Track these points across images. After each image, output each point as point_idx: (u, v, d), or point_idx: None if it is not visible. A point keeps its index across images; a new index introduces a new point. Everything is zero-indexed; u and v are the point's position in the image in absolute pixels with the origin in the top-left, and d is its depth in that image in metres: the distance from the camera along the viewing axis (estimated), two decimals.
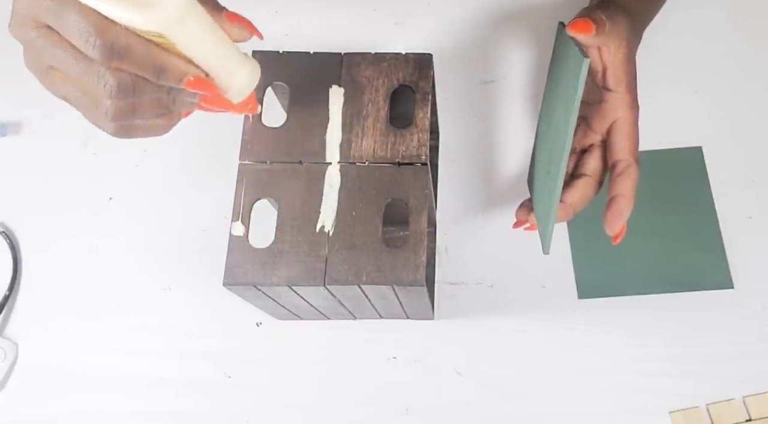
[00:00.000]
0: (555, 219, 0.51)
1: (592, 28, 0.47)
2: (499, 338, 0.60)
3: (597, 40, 0.48)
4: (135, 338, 0.62)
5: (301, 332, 0.61)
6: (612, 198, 0.52)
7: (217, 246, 0.50)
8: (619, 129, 0.51)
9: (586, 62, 0.45)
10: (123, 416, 0.59)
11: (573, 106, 0.46)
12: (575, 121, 0.47)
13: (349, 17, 0.72)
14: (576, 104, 0.46)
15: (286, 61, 0.52)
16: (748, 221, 0.63)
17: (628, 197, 0.51)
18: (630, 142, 0.52)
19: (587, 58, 0.45)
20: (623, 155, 0.51)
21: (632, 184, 0.51)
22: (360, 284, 0.48)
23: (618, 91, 0.51)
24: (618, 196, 0.51)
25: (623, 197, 0.51)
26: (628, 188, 0.51)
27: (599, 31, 0.48)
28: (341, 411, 0.59)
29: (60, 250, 0.65)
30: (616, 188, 0.51)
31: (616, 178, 0.52)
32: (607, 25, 0.48)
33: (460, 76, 0.70)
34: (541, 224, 0.53)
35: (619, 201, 0.51)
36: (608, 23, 0.48)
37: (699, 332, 0.60)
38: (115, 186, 0.67)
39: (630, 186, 0.51)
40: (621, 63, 0.50)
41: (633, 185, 0.51)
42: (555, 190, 0.49)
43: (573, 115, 0.46)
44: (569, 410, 0.58)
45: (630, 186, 0.51)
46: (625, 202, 0.51)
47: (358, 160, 0.50)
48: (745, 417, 0.57)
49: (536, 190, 0.56)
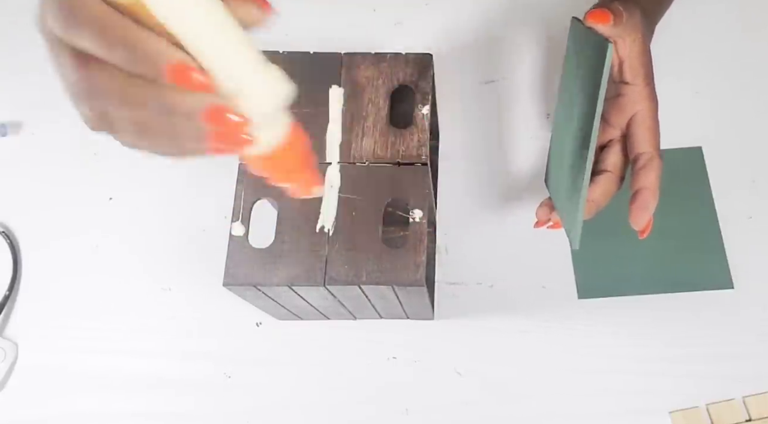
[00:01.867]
0: (584, 211, 0.50)
1: (609, 17, 0.47)
2: (499, 338, 0.60)
3: (613, 32, 0.48)
4: (135, 338, 0.62)
5: (301, 332, 0.61)
6: (636, 191, 0.51)
7: (217, 246, 0.50)
8: (640, 122, 0.51)
9: (610, 47, 0.44)
10: (123, 416, 0.59)
11: (599, 92, 0.45)
12: (601, 111, 0.46)
13: (349, 17, 0.72)
14: (602, 90, 0.45)
15: (286, 61, 0.52)
16: (748, 221, 0.63)
17: (652, 190, 0.50)
18: (651, 134, 0.51)
19: (611, 43, 0.44)
20: (645, 147, 0.51)
21: (656, 177, 0.50)
22: (360, 284, 0.48)
23: (636, 84, 0.50)
24: (642, 189, 0.50)
25: (647, 190, 0.50)
26: (652, 181, 0.50)
27: (617, 22, 0.47)
28: (341, 411, 0.59)
29: (60, 250, 0.65)
30: (640, 181, 0.50)
31: (639, 171, 0.51)
32: (624, 16, 0.48)
33: (460, 76, 0.70)
34: (568, 219, 0.53)
35: (644, 194, 0.50)
36: (625, 14, 0.48)
37: (699, 332, 0.60)
38: (115, 186, 0.67)
39: (654, 178, 0.50)
40: (638, 55, 0.50)
41: (657, 177, 0.50)
42: (583, 181, 0.48)
43: (600, 102, 0.46)
44: (569, 410, 0.58)
45: (654, 178, 0.50)
46: (650, 195, 0.50)
47: (358, 160, 0.50)
48: (745, 417, 0.57)
49: (558, 187, 0.55)
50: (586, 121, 0.47)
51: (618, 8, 0.48)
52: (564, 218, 0.53)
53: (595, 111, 0.46)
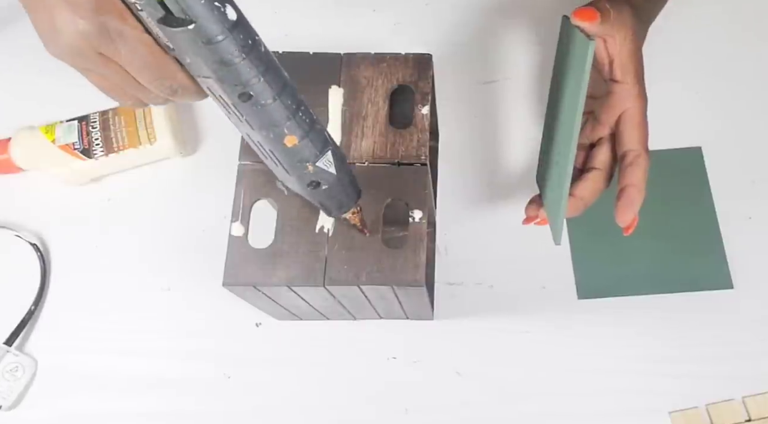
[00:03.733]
0: (566, 209, 0.50)
1: (596, 16, 0.47)
2: (499, 339, 0.60)
3: (602, 30, 0.48)
4: (135, 338, 0.62)
5: (301, 332, 0.61)
6: (622, 188, 0.51)
7: (217, 246, 0.50)
8: (628, 119, 0.51)
9: (591, 45, 0.44)
10: (123, 416, 0.59)
11: (580, 92, 0.46)
12: (583, 107, 0.46)
13: (349, 18, 0.72)
14: (583, 89, 0.45)
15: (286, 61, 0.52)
16: (748, 221, 0.63)
17: (638, 187, 0.50)
18: (639, 132, 0.51)
19: (593, 41, 0.45)
20: (633, 145, 0.51)
21: (643, 174, 0.50)
22: (360, 284, 0.48)
23: (626, 82, 0.50)
24: (628, 187, 0.50)
25: (633, 187, 0.50)
26: (638, 178, 0.50)
27: (604, 20, 0.48)
28: (341, 411, 0.59)
29: (60, 250, 0.65)
30: (627, 178, 0.51)
31: (626, 168, 0.51)
32: (612, 14, 0.48)
33: (460, 76, 0.70)
34: (551, 215, 0.53)
35: (630, 191, 0.50)
36: (613, 12, 0.48)
37: (699, 332, 0.60)
38: (114, 186, 0.67)
39: (640, 176, 0.50)
40: (628, 53, 0.50)
41: (643, 175, 0.50)
42: (565, 179, 0.49)
43: (580, 101, 0.46)
44: (569, 410, 0.58)
45: (640, 176, 0.50)
46: (635, 192, 0.50)
47: (358, 160, 0.50)
48: (745, 417, 0.57)
49: (546, 183, 0.55)
50: (570, 119, 0.48)
51: (605, 6, 0.48)
52: (549, 214, 0.54)
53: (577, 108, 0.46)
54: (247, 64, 0.34)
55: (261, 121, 0.37)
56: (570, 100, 0.48)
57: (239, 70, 0.34)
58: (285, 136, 0.38)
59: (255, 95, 0.35)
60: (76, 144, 0.64)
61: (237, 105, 0.35)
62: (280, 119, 0.37)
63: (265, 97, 0.36)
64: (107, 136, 0.64)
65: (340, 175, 0.42)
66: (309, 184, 0.41)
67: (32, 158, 0.65)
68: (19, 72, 0.68)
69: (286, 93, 0.37)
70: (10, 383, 0.59)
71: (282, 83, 0.36)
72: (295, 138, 0.38)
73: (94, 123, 0.64)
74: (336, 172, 0.42)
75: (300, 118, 0.38)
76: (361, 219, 0.47)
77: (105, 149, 0.64)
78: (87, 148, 0.64)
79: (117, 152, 0.64)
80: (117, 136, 0.64)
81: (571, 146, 0.47)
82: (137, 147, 0.64)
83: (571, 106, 0.48)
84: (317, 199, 0.43)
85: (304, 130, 0.38)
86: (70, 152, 0.64)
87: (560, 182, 0.50)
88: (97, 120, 0.64)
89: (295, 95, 0.37)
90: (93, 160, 0.64)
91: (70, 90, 0.62)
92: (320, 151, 0.40)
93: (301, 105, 0.38)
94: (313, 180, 0.41)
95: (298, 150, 0.39)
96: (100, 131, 0.64)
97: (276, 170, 0.42)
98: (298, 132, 0.38)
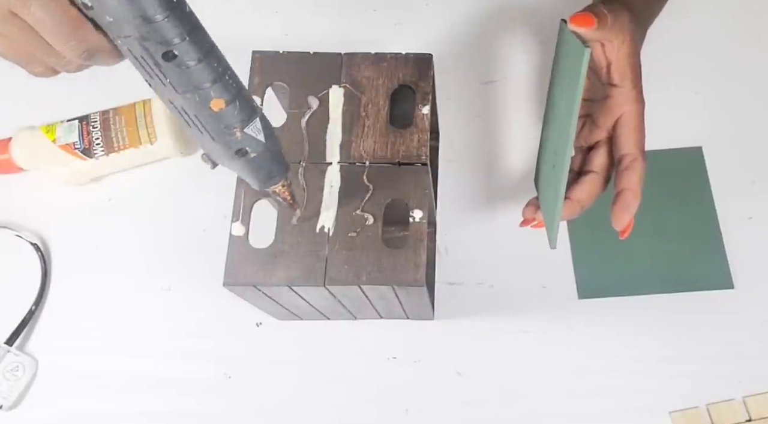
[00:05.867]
0: (561, 212, 0.50)
1: (593, 21, 0.47)
2: (499, 339, 0.60)
3: (599, 34, 0.48)
4: (135, 338, 0.62)
5: (301, 332, 0.61)
6: (619, 192, 0.51)
7: (217, 246, 0.50)
8: (625, 123, 0.51)
9: (587, 52, 0.44)
10: (123, 416, 0.59)
11: (576, 96, 0.46)
12: (578, 111, 0.46)
13: (349, 17, 0.72)
14: (578, 94, 0.46)
15: (286, 61, 0.52)
16: (748, 221, 0.63)
17: (634, 191, 0.50)
18: (636, 136, 0.51)
19: (588, 48, 0.45)
20: (629, 149, 0.51)
21: (639, 178, 0.51)
22: (360, 284, 0.48)
23: (623, 86, 0.51)
24: (624, 190, 0.51)
25: (630, 191, 0.50)
26: (634, 182, 0.50)
27: (601, 25, 0.48)
28: (341, 411, 0.59)
29: (60, 250, 0.65)
30: (623, 182, 0.51)
31: (622, 172, 0.51)
32: (609, 19, 0.48)
33: (460, 76, 0.70)
34: (547, 218, 0.53)
35: (626, 195, 0.51)
36: (610, 17, 0.48)
37: (699, 332, 0.60)
38: (115, 186, 0.67)
39: (637, 179, 0.50)
40: (626, 57, 0.50)
41: (640, 179, 0.51)
42: (560, 182, 0.49)
43: (576, 105, 0.46)
44: (569, 410, 0.58)
45: (637, 179, 0.50)
46: (631, 196, 0.50)
47: (358, 160, 0.50)
48: (745, 417, 0.57)
49: (542, 186, 0.56)
50: (566, 123, 0.48)
51: (602, 11, 0.48)
52: (545, 217, 0.54)
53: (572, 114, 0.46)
54: (171, 21, 0.33)
55: (186, 84, 0.36)
56: (566, 104, 0.49)
57: (163, 28, 0.33)
58: (212, 100, 0.37)
59: (180, 55, 0.34)
60: (77, 144, 0.64)
61: (160, 66, 0.35)
62: (206, 81, 0.36)
63: (190, 58, 0.35)
64: (108, 135, 0.64)
65: (269, 144, 0.41)
66: (237, 152, 0.40)
67: (33, 158, 0.65)
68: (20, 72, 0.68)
69: (213, 55, 0.36)
70: (11, 382, 0.59)
71: (208, 45, 0.36)
72: (222, 101, 0.37)
73: (94, 123, 0.64)
74: (265, 140, 0.40)
75: (227, 81, 0.37)
76: (290, 192, 0.46)
77: (105, 149, 0.64)
78: (87, 147, 0.64)
79: (117, 152, 0.64)
80: (117, 136, 0.64)
81: (567, 150, 0.48)
82: (138, 147, 0.64)
83: (567, 110, 0.48)
84: (245, 169, 0.42)
85: (232, 94, 0.37)
86: (70, 152, 0.64)
87: (556, 186, 0.50)
88: (97, 120, 0.64)
89: (221, 59, 0.37)
90: (93, 160, 0.64)
91: (71, 90, 0.62)
92: (248, 117, 0.39)
93: (228, 69, 0.37)
94: (240, 148, 0.40)
95: (225, 114, 0.38)
96: (101, 131, 0.64)
97: (201, 139, 0.40)
98: (225, 95, 0.37)
